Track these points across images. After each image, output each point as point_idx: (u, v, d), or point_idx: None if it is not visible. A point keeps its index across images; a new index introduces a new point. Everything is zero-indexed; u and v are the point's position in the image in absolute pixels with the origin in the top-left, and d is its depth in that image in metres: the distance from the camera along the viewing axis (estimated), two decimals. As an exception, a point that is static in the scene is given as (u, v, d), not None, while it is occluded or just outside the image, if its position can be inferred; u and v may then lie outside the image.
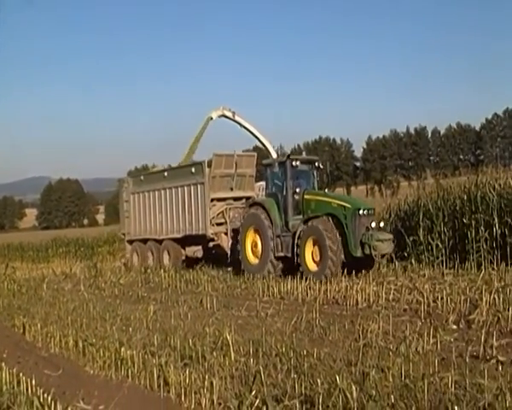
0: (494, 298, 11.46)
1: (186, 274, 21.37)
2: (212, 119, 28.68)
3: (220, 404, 6.83)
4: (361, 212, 17.07)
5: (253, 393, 6.63)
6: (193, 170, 23.43)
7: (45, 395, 7.38)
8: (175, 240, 24.40)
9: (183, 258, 24.46)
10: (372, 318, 11.00)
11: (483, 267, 15.78)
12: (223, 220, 23.06)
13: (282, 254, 18.31)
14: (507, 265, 15.66)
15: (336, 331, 10.44)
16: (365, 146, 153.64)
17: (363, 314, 11.72)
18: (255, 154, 26.14)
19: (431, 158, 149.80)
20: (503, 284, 13.07)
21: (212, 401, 6.95)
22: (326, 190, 20.65)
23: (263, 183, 24.13)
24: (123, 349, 9.32)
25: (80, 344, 10.61)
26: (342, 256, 16.76)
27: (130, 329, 11.81)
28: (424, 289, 13.36)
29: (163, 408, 7.26)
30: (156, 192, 25.61)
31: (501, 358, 8.15)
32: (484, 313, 10.69)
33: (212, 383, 7.17)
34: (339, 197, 19.24)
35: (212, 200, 22.86)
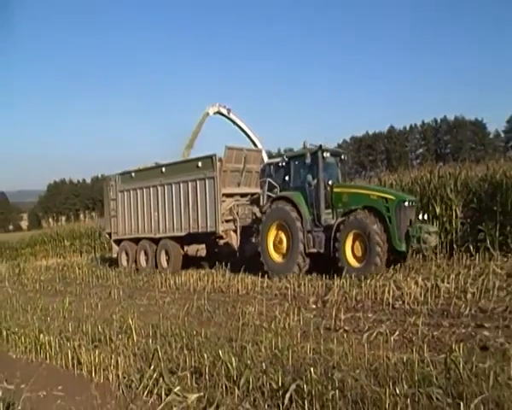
0: (343, 282, 11.96)
1: (97, 271, 20.88)
2: (208, 114, 24.49)
3: (125, 378, 6.74)
4: (406, 204, 13.61)
5: (152, 367, 6.62)
6: (199, 164, 18.17)
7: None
8: (174, 238, 19.20)
9: (181, 257, 19.44)
10: (250, 302, 11.18)
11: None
12: (230, 217, 18.43)
13: (314, 250, 14.45)
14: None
15: (221, 314, 10.51)
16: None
17: (243, 300, 11.87)
18: (262, 149, 21.81)
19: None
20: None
21: (118, 375, 6.87)
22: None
23: None
24: (42, 336, 9.06)
25: (4, 333, 10.17)
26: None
27: (49, 318, 11.41)
28: (291, 276, 13.76)
29: (76, 383, 7.08)
30: (151, 189, 20.19)
31: (346, 328, 8.57)
32: (335, 294, 11.11)
33: (117, 361, 7.10)
34: (378, 189, 15.10)
35: (222, 195, 18.20)
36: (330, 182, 14.81)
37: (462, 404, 4.65)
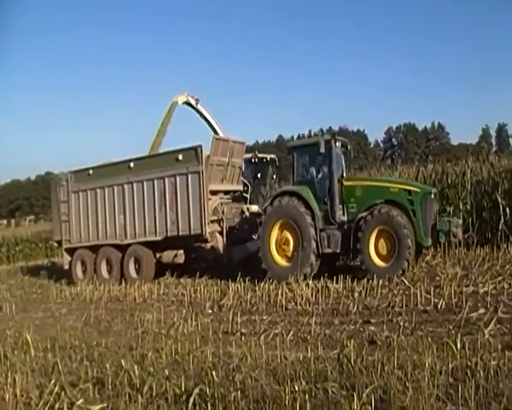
0: (237, 286, 12.12)
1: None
2: (177, 103, 21.33)
3: (23, 396, 6.34)
4: (432, 196, 12.32)
5: (53, 382, 6.30)
6: (180, 157, 15.19)
7: None
8: (146, 244, 15.99)
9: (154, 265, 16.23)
10: (147, 310, 11.10)
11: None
12: (215, 217, 15.50)
13: (329, 250, 12.41)
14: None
15: (119, 323, 10.36)
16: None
17: (141, 307, 11.74)
18: (245, 141, 18.18)
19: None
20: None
21: (16, 394, 6.40)
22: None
23: None
24: None
25: None
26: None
27: None
28: (187, 283, 13.79)
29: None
30: (115, 188, 16.74)
31: (243, 331, 8.77)
32: (231, 298, 11.29)
33: (14, 379, 6.62)
34: (398, 181, 13.71)
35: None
36: (344, 174, 13.12)
37: (355, 395, 4.96)
